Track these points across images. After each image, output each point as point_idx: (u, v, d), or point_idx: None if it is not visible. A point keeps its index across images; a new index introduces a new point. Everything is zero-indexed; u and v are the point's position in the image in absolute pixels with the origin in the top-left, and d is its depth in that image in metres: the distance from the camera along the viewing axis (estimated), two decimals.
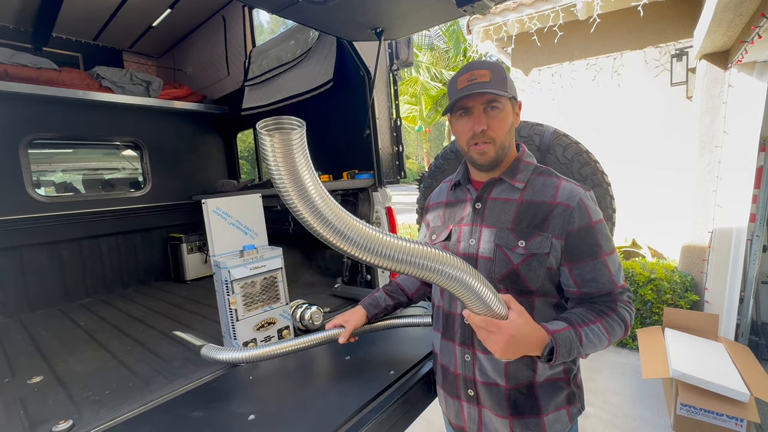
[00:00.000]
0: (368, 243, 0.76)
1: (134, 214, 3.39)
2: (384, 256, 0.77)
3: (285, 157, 0.68)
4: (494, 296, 0.85)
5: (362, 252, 0.76)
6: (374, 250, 0.76)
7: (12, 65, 2.73)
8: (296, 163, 0.70)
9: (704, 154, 3.33)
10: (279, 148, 0.68)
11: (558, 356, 0.87)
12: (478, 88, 0.95)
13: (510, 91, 0.98)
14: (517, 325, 0.85)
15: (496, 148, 1.00)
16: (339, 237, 0.75)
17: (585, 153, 1.68)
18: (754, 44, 2.41)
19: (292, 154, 0.69)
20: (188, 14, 3.62)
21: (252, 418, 1.16)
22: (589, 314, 0.95)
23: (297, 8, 1.69)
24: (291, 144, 0.68)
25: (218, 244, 1.68)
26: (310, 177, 0.72)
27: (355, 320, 1.31)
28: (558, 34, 4.16)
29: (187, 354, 1.74)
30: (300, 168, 0.70)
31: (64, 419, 1.24)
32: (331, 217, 0.74)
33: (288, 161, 0.69)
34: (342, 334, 1.28)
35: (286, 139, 0.67)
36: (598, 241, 0.96)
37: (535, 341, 0.87)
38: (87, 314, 2.62)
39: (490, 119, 0.98)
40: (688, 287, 3.38)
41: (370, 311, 1.34)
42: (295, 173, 0.70)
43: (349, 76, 2.52)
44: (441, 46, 14.57)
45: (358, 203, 2.57)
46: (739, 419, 2.24)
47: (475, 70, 0.97)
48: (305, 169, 0.71)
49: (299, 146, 0.69)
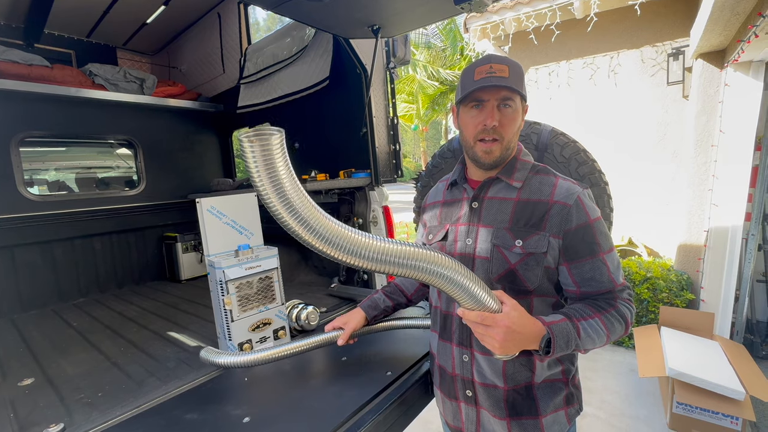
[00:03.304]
0: (342, 242, 0.77)
1: (128, 213, 3.35)
2: (362, 257, 0.78)
3: (265, 162, 0.71)
4: (486, 293, 0.85)
5: (340, 252, 0.77)
6: (351, 250, 0.78)
7: (3, 62, 2.69)
8: (277, 169, 0.72)
9: (700, 152, 3.34)
10: (259, 153, 0.70)
11: (555, 348, 0.86)
12: (497, 81, 0.92)
13: (524, 92, 0.97)
14: (511, 317, 0.84)
15: (502, 147, 0.98)
16: (315, 237, 0.76)
17: (582, 152, 1.67)
18: (750, 43, 2.41)
19: (272, 159, 0.71)
20: (183, 11, 3.58)
21: (247, 421, 1.15)
22: (587, 309, 0.94)
23: (293, 5, 1.67)
24: (270, 149, 0.70)
25: (213, 243, 1.65)
26: (291, 183, 0.73)
27: (354, 322, 1.30)
28: (555, 33, 4.16)
29: (181, 355, 1.72)
30: (280, 173, 0.72)
31: (55, 422, 1.22)
32: (309, 218, 0.75)
33: (268, 166, 0.71)
34: (341, 336, 1.27)
35: (265, 145, 0.70)
36: (597, 239, 0.95)
37: (531, 333, 0.86)
38: (80, 314, 2.59)
39: (502, 116, 0.95)
40: (684, 286, 3.40)
41: (369, 313, 1.33)
42: (276, 179, 0.72)
43: (346, 74, 2.50)
44: (438, 45, 14.55)
45: (354, 202, 2.55)
46: (735, 417, 2.26)
47: (495, 63, 0.94)
48: (286, 174, 0.73)
49: (279, 151, 0.71)
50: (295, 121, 3.04)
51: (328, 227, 0.76)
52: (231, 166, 4.06)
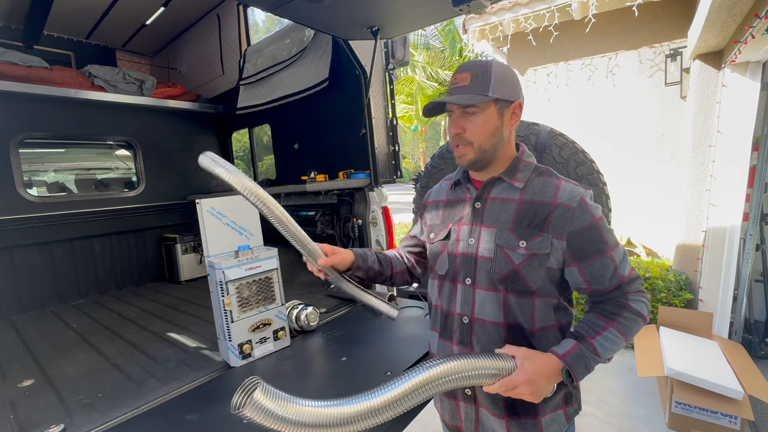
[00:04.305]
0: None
1: (128, 215, 3.35)
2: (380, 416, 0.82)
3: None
4: (494, 360, 0.89)
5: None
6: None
7: (2, 63, 2.69)
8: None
9: (698, 153, 3.36)
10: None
11: (577, 375, 0.90)
12: (455, 92, 0.98)
13: (494, 93, 0.96)
14: (526, 367, 0.88)
15: (475, 150, 1.00)
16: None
17: (581, 153, 1.68)
18: (747, 44, 2.43)
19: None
20: (182, 12, 3.58)
21: (247, 421, 1.15)
22: (599, 320, 0.96)
23: (292, 6, 1.68)
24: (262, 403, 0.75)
25: (213, 244, 1.66)
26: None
27: (341, 257, 1.20)
28: (554, 34, 4.17)
29: (180, 356, 1.73)
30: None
31: (55, 423, 1.22)
32: None
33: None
34: (324, 260, 1.17)
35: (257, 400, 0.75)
36: (603, 237, 0.96)
37: (551, 371, 0.90)
38: (79, 316, 2.59)
39: (467, 122, 0.99)
40: (682, 286, 3.40)
41: (357, 260, 1.23)
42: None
43: (345, 75, 2.51)
44: (437, 46, 14.56)
45: (354, 203, 2.56)
46: (734, 417, 2.26)
47: (459, 74, 1.00)
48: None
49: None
50: (295, 122, 3.05)
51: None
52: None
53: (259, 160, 4.59)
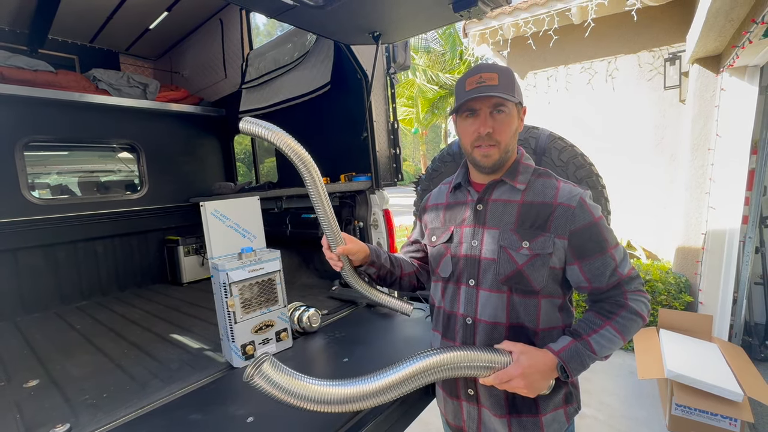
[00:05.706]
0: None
1: (131, 217, 3.38)
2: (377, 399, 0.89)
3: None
4: (490, 354, 0.92)
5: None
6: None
7: (8, 67, 2.73)
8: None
9: (697, 156, 3.37)
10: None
11: (572, 371, 0.92)
12: (487, 90, 0.96)
13: (517, 96, 0.99)
14: (521, 362, 0.90)
15: (500, 151, 1.01)
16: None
17: (580, 156, 1.70)
18: (745, 49, 2.45)
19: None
20: (185, 17, 3.62)
21: (251, 421, 1.16)
22: (597, 318, 0.97)
23: (295, 12, 1.70)
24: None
25: (216, 246, 1.68)
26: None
27: (359, 246, 1.19)
28: (553, 38, 4.20)
29: (184, 357, 1.74)
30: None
31: (61, 423, 1.24)
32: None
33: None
34: (342, 247, 1.17)
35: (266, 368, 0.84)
36: (604, 236, 0.98)
37: (546, 366, 0.92)
38: (83, 317, 2.60)
39: (495, 122, 0.99)
40: (682, 288, 3.41)
41: (371, 255, 1.22)
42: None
43: (347, 79, 2.53)
44: (437, 49, 14.62)
45: (355, 206, 2.57)
46: (733, 419, 2.27)
47: (484, 73, 0.98)
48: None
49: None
50: (297, 125, 3.07)
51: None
52: (232, 170, 4.09)
53: (261, 162, 4.62)
